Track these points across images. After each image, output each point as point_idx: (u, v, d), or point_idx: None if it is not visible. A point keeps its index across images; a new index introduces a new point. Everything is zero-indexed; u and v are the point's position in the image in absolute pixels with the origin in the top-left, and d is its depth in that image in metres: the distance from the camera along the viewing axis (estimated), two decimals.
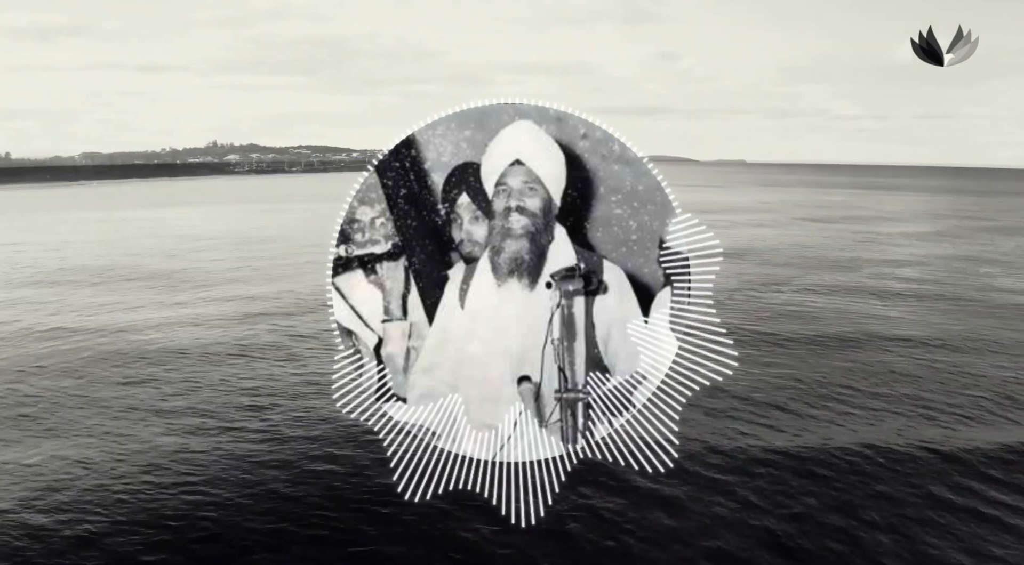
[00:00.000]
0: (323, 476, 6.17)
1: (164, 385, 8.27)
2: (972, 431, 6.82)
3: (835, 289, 14.09)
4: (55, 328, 11.17)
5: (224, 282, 14.82)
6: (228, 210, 38.08)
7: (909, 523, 5.36)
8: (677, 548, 5.15)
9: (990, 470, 5.96)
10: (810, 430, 7.02)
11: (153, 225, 28.07)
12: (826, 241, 22.72)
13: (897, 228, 26.70)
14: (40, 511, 5.47)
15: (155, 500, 5.65)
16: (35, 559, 4.94)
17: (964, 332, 10.60)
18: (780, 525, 5.40)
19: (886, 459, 6.17)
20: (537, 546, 5.14)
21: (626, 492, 5.78)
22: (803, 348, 10.16)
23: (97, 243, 22.40)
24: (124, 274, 16.00)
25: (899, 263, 17.60)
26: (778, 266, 16.76)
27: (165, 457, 6.34)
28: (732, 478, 6.14)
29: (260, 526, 5.38)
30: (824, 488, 5.90)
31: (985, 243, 22.45)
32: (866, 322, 11.41)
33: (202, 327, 10.80)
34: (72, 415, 7.30)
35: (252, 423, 7.03)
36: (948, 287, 14.42)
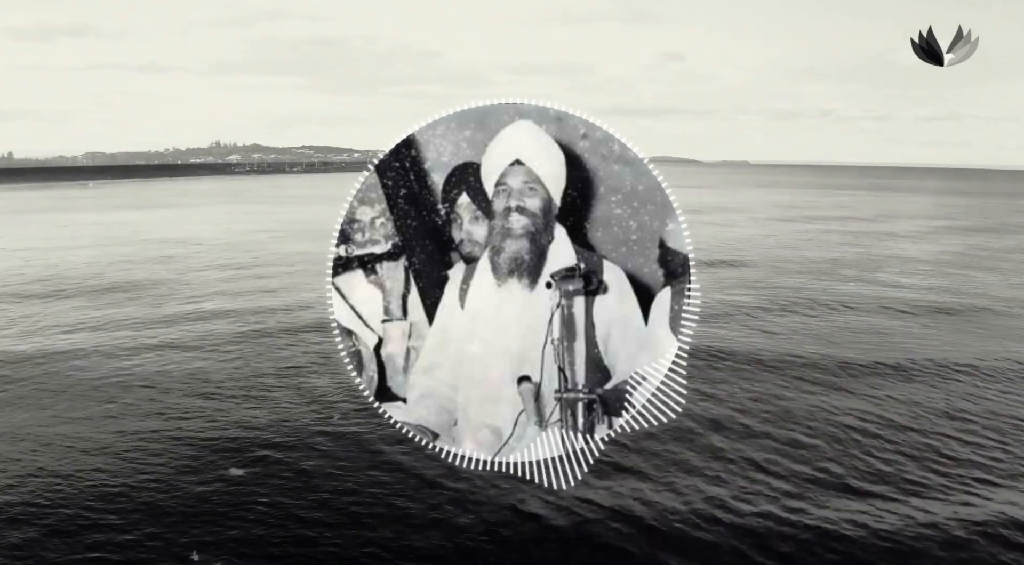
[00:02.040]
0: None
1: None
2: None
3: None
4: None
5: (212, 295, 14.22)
6: (224, 212, 37.98)
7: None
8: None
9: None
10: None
11: (139, 228, 27.48)
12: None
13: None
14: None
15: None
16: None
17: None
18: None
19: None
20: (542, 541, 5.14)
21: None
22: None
23: (68, 249, 21.61)
24: (93, 285, 15.10)
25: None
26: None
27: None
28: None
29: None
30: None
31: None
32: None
33: (195, 352, 10.49)
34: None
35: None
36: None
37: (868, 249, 22.11)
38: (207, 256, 19.83)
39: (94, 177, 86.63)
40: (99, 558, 4.99)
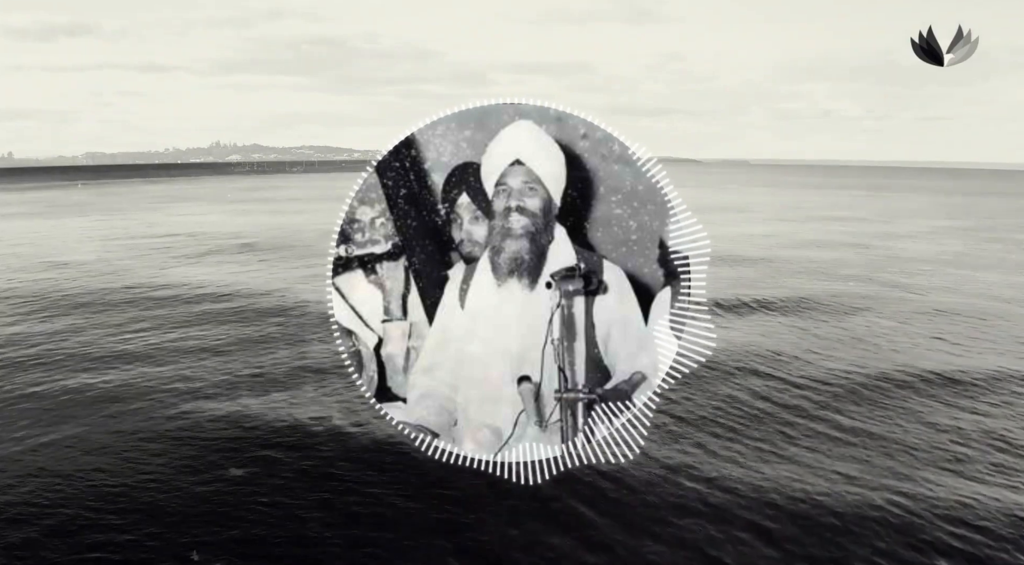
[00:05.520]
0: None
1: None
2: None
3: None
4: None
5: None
6: (222, 209, 37.85)
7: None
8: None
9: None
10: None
11: (129, 226, 27.04)
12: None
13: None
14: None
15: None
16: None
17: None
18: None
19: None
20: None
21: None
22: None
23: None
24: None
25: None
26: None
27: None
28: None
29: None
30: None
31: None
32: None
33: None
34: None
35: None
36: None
37: (868, 249, 22.11)
38: (205, 256, 19.82)
39: (91, 177, 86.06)
40: (99, 558, 4.99)
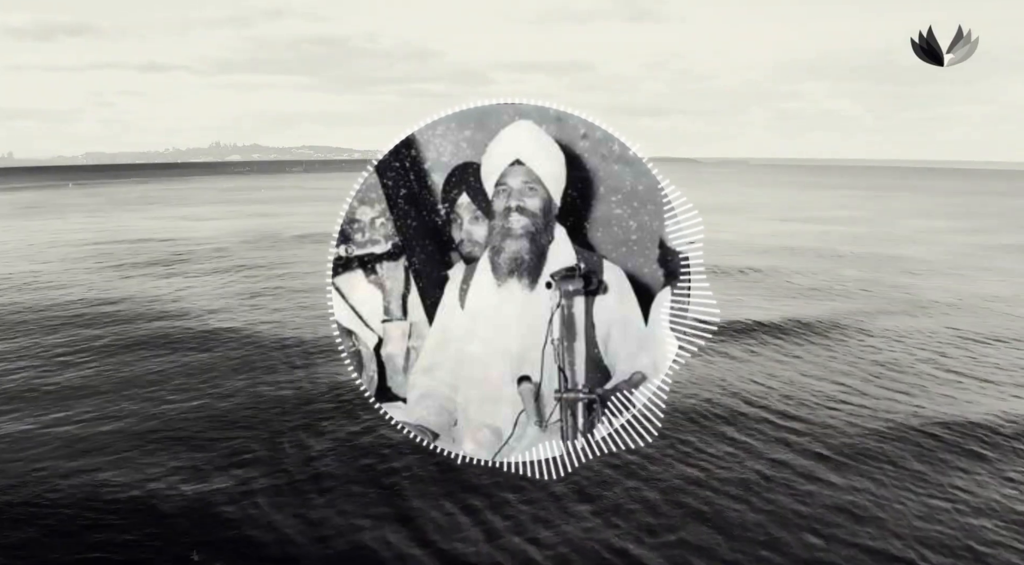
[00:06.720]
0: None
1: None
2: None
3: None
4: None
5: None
6: (223, 210, 37.84)
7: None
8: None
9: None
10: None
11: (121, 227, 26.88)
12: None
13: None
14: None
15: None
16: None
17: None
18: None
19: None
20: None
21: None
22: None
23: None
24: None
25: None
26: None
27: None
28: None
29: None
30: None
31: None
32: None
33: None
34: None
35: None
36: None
37: (869, 249, 22.12)
38: (203, 256, 19.82)
39: (88, 177, 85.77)
40: (99, 558, 4.99)
